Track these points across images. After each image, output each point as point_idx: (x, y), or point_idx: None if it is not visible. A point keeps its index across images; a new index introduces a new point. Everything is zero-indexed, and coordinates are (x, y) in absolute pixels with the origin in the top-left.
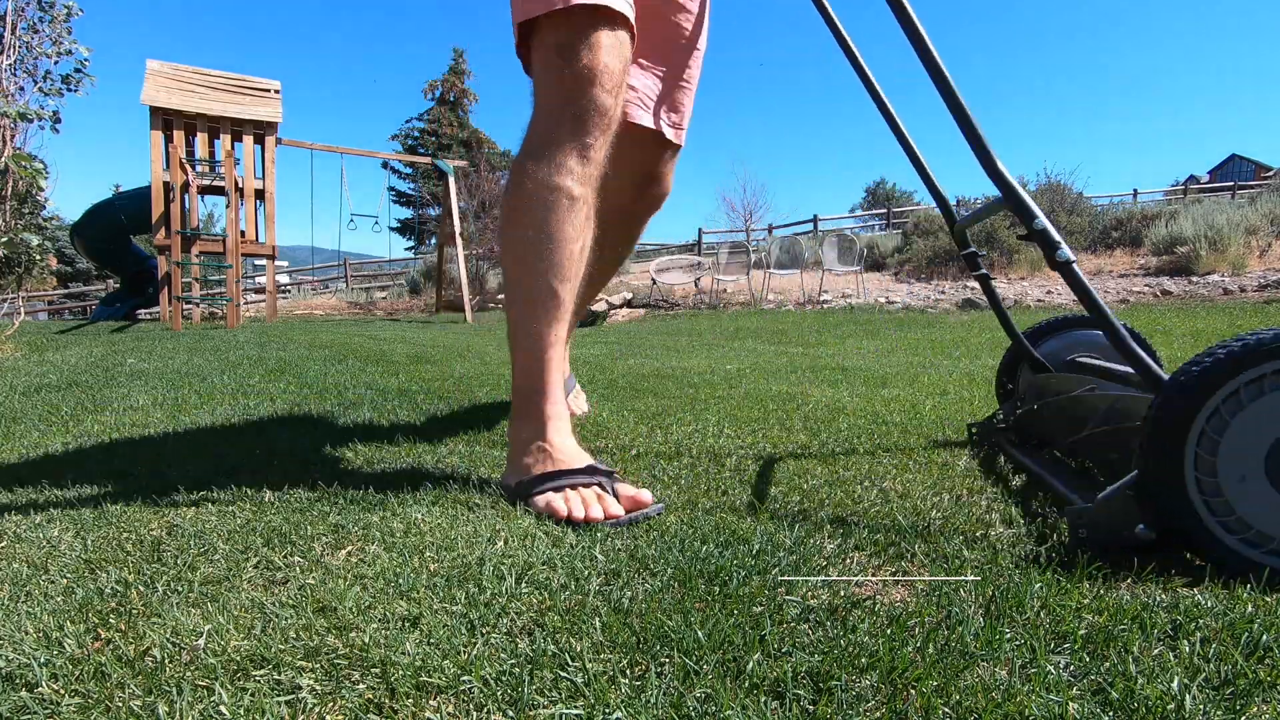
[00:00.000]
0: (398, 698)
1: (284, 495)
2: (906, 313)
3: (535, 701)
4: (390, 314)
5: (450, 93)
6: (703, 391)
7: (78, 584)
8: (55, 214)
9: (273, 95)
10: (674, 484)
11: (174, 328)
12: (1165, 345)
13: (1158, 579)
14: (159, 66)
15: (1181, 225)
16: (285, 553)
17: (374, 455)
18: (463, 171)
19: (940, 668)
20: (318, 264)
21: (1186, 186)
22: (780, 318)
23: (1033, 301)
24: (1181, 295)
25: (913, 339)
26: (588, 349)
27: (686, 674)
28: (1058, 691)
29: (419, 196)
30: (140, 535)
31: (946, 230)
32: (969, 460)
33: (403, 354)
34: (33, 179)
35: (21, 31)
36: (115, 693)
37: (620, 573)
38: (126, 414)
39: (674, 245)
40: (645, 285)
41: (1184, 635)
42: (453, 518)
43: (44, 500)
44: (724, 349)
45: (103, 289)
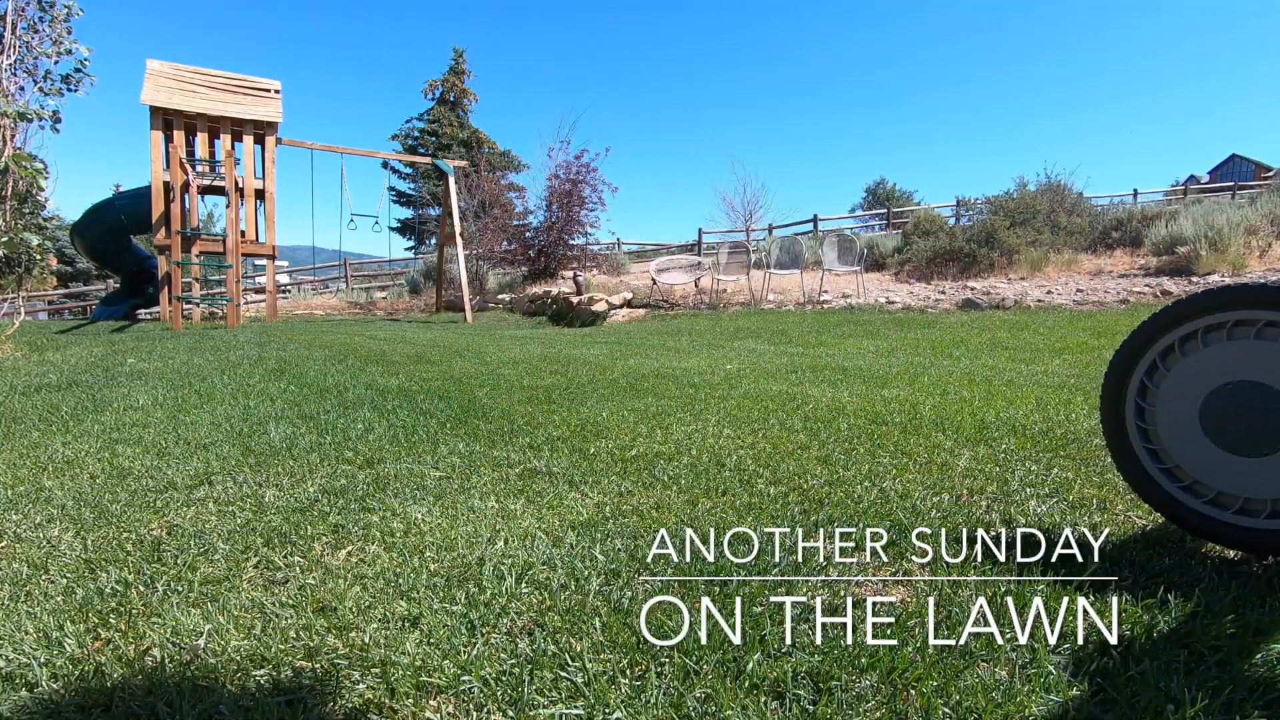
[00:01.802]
0: (398, 698)
1: (284, 495)
2: (906, 313)
3: (535, 701)
4: (390, 314)
5: (450, 93)
6: (703, 391)
7: (78, 584)
8: (55, 214)
9: (273, 95)
10: (674, 484)
11: (174, 328)
12: None
13: (1158, 581)
14: (159, 66)
15: (1182, 225)
16: (285, 553)
17: (374, 455)
18: (463, 171)
19: (940, 668)
20: (318, 264)
21: (1186, 186)
22: (780, 318)
23: (1033, 302)
24: (1181, 295)
25: (913, 339)
26: (588, 349)
27: (686, 674)
28: (1058, 691)
29: (419, 196)
30: (140, 535)
31: (946, 230)
32: (969, 460)
33: (403, 354)
34: (33, 179)
35: (21, 31)
36: (115, 693)
37: (620, 573)
38: (126, 414)
39: (674, 245)
40: (645, 285)
41: (1186, 638)
42: (453, 518)
43: (44, 500)
44: (724, 349)
45: (103, 289)
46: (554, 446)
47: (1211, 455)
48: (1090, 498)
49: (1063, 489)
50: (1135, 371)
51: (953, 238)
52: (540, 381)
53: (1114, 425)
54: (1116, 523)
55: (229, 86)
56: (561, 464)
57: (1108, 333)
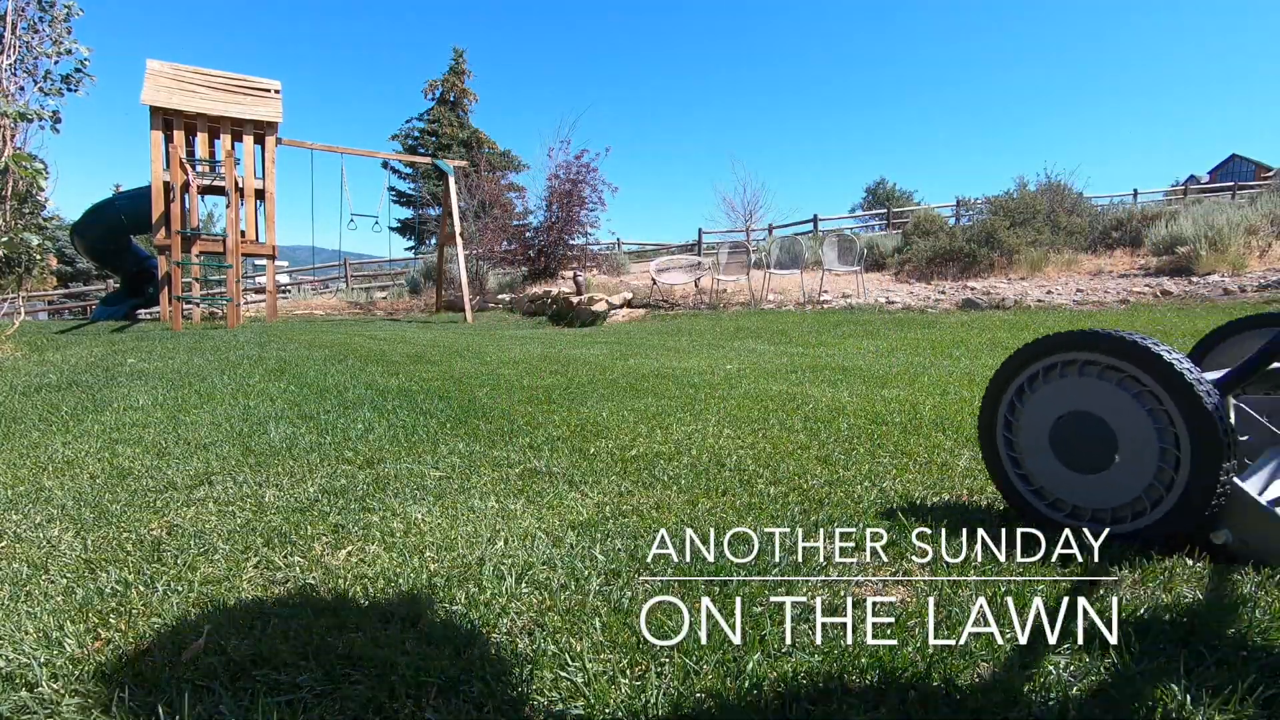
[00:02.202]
0: (398, 698)
1: (284, 495)
2: (906, 313)
3: (535, 701)
4: (390, 314)
5: (450, 93)
6: (703, 391)
7: (78, 584)
8: (55, 214)
9: (273, 95)
10: (674, 484)
11: (174, 328)
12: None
13: (1158, 581)
14: (159, 66)
15: (1181, 225)
16: (285, 553)
17: (374, 455)
18: (463, 171)
19: (940, 668)
20: (318, 264)
21: (1186, 186)
22: (780, 318)
23: (1033, 302)
24: (1181, 295)
25: (912, 339)
26: (588, 349)
27: (686, 674)
28: (1058, 691)
29: (419, 196)
30: (140, 535)
31: (946, 230)
32: (969, 460)
33: (402, 354)
34: (33, 179)
35: (21, 31)
36: (115, 693)
37: (620, 573)
38: (126, 414)
39: (674, 245)
40: (645, 285)
41: (1187, 638)
42: (453, 518)
43: (44, 500)
44: (724, 349)
45: (103, 289)
46: (554, 446)
47: (1055, 469)
48: None
49: None
50: (1004, 398)
51: (953, 238)
52: (540, 381)
53: (988, 439)
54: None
55: (229, 86)
56: (561, 464)
57: None
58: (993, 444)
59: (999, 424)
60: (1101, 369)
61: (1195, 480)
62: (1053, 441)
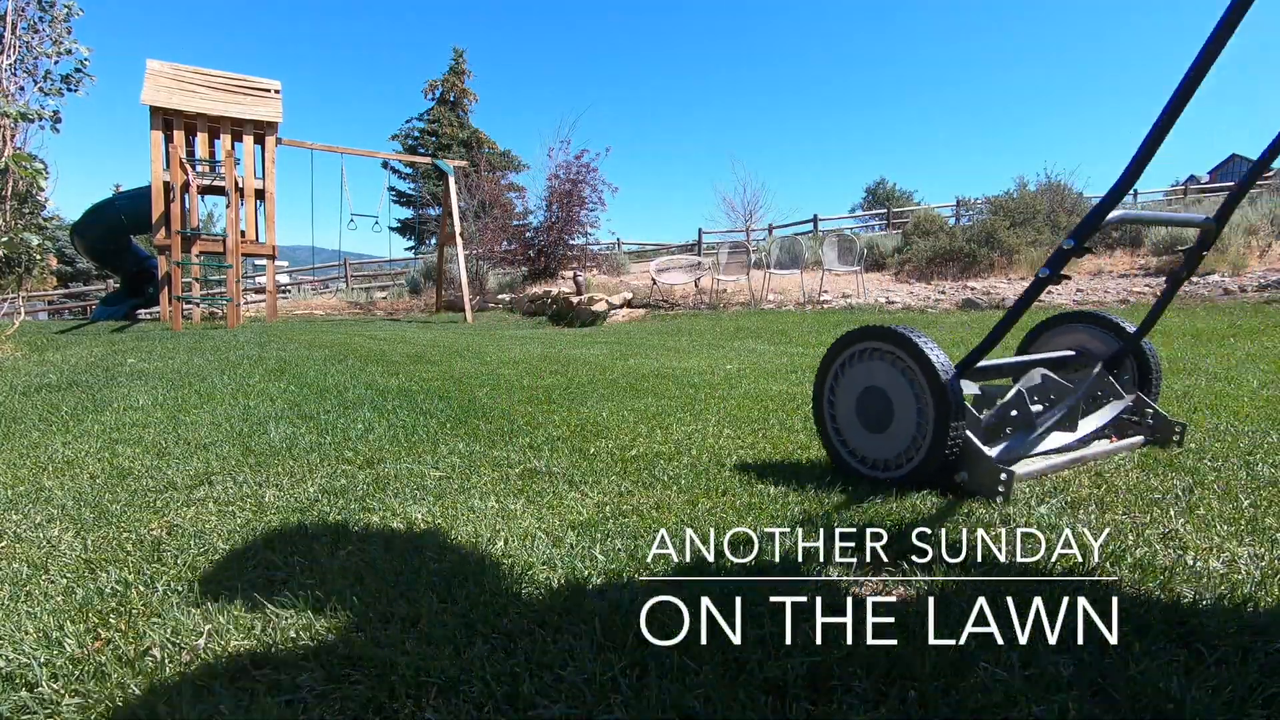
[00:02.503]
0: (398, 698)
1: (284, 495)
2: (906, 313)
3: (535, 701)
4: (390, 314)
5: (450, 93)
6: (703, 391)
7: (78, 584)
8: (55, 214)
9: (273, 95)
10: (674, 484)
11: (174, 328)
12: (1165, 345)
13: (1158, 581)
14: (159, 66)
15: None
16: (285, 553)
17: (374, 455)
18: (463, 171)
19: (940, 668)
20: (318, 264)
21: (1186, 186)
22: (780, 318)
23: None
24: (1181, 295)
25: None
26: (588, 349)
27: (686, 674)
28: (1058, 691)
29: (419, 196)
30: (140, 535)
31: (946, 230)
32: None
33: (402, 354)
34: (33, 179)
35: (21, 31)
36: (115, 693)
37: (620, 573)
38: (126, 414)
39: (674, 245)
40: (645, 285)
41: (1186, 638)
42: (453, 518)
43: (44, 500)
44: (724, 349)
45: (103, 289)
46: (554, 446)
47: (859, 430)
48: (1090, 498)
49: (1062, 489)
50: (827, 378)
51: (953, 238)
52: (540, 381)
53: (818, 410)
54: (1116, 522)
55: (229, 86)
56: (561, 464)
57: None
58: (820, 413)
59: (825, 397)
60: (885, 355)
61: (935, 436)
62: (858, 410)
